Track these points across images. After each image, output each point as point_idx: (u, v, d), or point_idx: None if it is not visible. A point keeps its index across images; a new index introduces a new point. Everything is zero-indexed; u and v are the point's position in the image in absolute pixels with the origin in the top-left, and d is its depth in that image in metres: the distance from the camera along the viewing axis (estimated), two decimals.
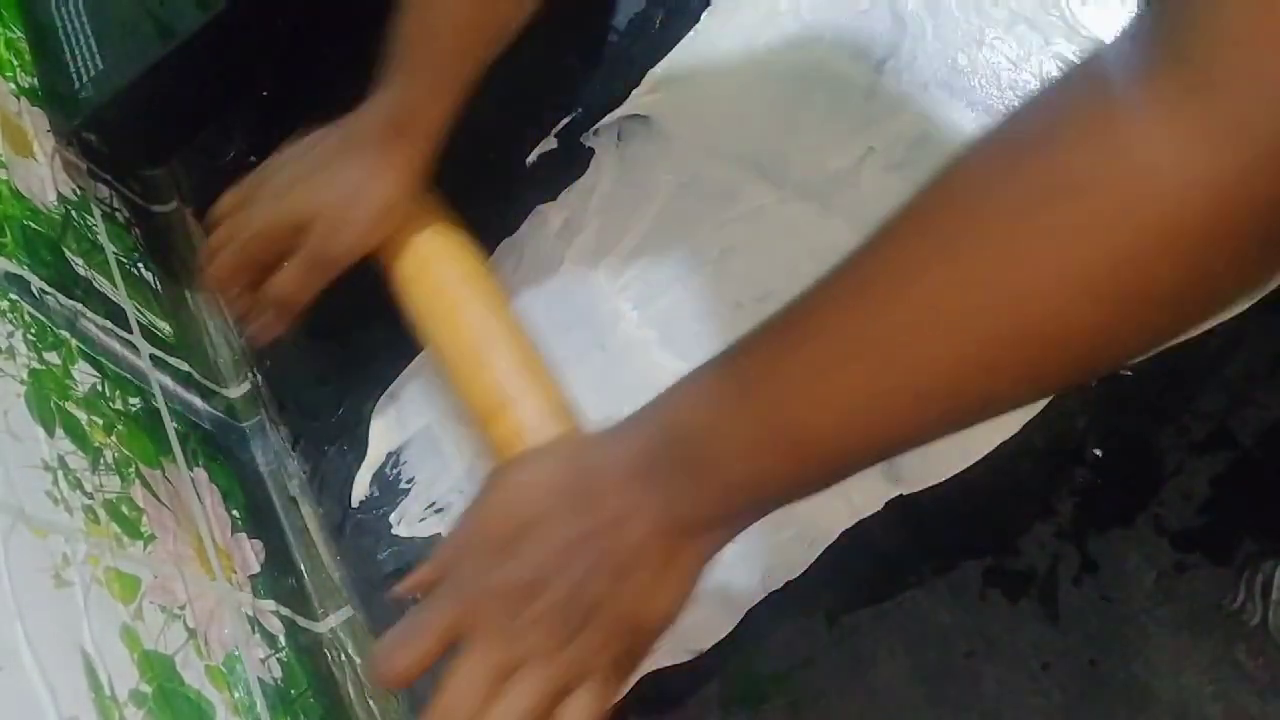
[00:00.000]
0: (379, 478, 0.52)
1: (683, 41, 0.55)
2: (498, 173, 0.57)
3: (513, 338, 0.46)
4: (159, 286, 0.59)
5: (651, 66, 0.55)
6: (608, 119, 0.55)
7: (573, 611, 0.34)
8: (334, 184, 0.48)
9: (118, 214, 0.60)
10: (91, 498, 0.41)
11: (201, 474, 0.50)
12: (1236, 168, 0.22)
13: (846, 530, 0.43)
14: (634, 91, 0.55)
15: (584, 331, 0.50)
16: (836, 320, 0.30)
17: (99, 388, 0.46)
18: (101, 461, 0.43)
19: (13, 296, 0.44)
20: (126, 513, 0.43)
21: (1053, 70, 0.46)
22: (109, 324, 0.51)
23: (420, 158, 0.48)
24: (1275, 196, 0.22)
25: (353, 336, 0.56)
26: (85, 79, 0.55)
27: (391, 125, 0.47)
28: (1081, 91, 0.25)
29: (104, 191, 0.60)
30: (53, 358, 0.44)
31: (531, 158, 0.56)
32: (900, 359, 0.28)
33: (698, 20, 0.55)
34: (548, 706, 0.35)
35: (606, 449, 0.35)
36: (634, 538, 0.34)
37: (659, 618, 0.36)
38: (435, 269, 0.48)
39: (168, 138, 0.61)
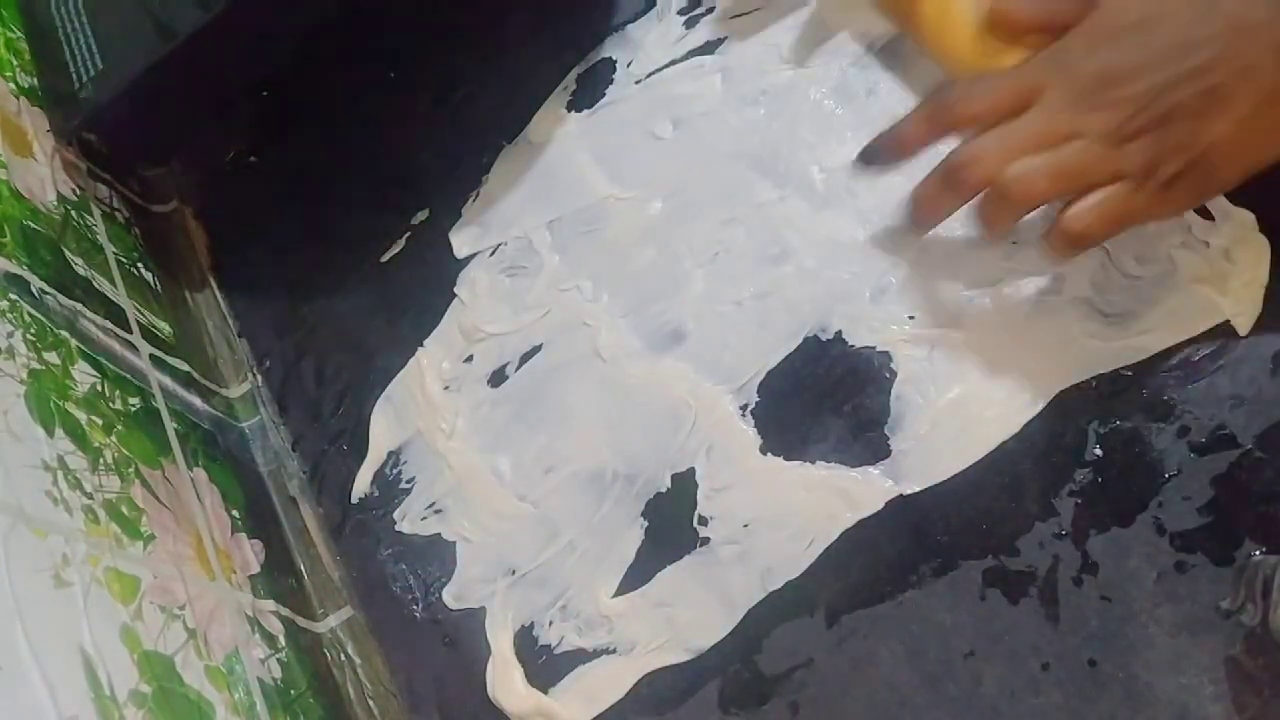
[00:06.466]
0: (379, 477, 0.52)
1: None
2: None
3: None
4: (159, 286, 0.59)
5: None
6: None
7: (1146, 112, 0.31)
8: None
9: (118, 214, 0.60)
10: (91, 498, 0.41)
11: (201, 474, 0.50)
12: None
13: (846, 530, 0.43)
14: None
15: (586, 333, 0.50)
16: None
17: (99, 388, 0.46)
18: (101, 461, 0.43)
19: (13, 296, 0.44)
20: (126, 513, 0.43)
21: None
22: (109, 324, 0.51)
23: None
24: None
25: (353, 336, 0.56)
26: (85, 79, 0.55)
27: None
28: None
29: (104, 191, 0.60)
30: (53, 358, 0.44)
31: None
32: None
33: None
34: (1083, 182, 0.33)
35: None
36: (1245, 58, 0.30)
37: (1236, 162, 0.32)
38: None
39: (168, 138, 0.61)
